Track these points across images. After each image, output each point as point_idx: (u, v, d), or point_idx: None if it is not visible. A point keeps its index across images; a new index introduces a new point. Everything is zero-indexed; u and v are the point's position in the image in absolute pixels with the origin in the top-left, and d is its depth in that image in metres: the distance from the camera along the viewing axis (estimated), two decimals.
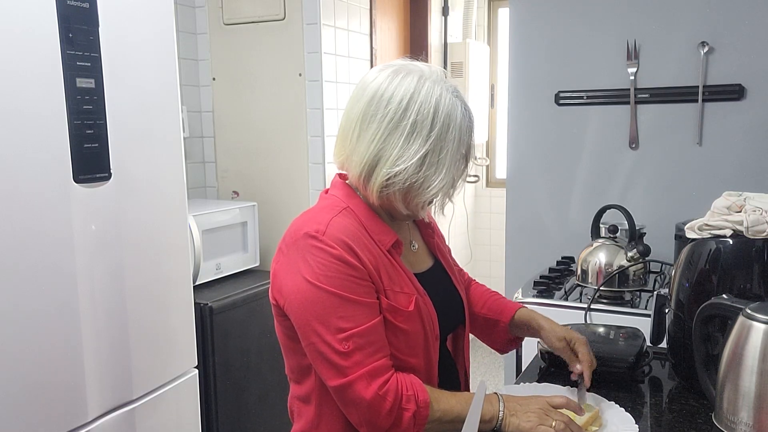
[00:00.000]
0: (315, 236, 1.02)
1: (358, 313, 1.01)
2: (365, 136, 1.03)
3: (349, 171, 1.09)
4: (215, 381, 2.21)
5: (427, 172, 1.02)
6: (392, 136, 1.01)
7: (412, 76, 1.03)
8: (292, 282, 1.03)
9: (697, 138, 2.14)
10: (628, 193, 2.26)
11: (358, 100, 1.05)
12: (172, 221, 1.77)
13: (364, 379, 0.99)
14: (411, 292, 1.09)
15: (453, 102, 1.03)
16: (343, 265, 1.01)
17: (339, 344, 0.99)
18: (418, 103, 1.01)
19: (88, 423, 1.53)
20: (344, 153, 1.08)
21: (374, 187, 1.04)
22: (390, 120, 1.01)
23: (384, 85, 1.03)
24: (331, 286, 1.00)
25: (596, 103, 2.27)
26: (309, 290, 1.01)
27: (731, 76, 2.07)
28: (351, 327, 1.00)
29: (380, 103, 1.02)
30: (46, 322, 1.41)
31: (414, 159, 1.01)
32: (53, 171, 1.41)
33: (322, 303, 1.00)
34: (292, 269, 1.03)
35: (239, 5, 2.71)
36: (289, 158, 2.71)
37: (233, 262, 2.51)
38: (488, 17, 4.34)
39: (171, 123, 1.75)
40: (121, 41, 1.56)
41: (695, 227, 1.27)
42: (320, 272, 1.00)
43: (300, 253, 1.03)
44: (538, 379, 1.34)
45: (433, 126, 1.01)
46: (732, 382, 1.05)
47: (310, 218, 1.06)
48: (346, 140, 1.07)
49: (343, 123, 1.08)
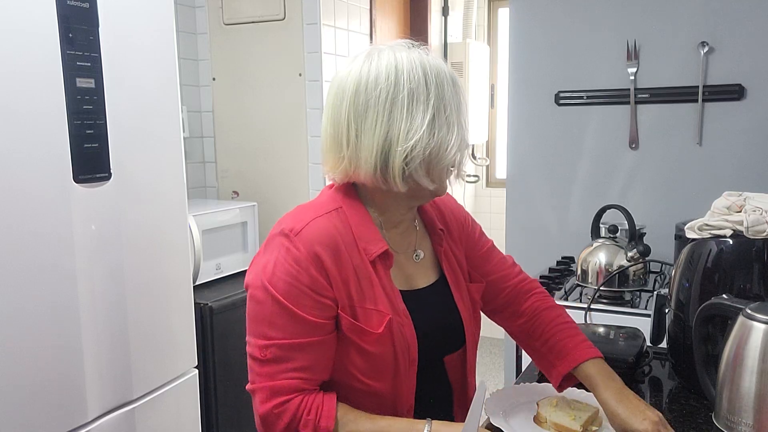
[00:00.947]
0: (288, 235, 0.98)
1: (293, 327, 0.97)
2: (366, 128, 0.97)
3: (358, 174, 1.00)
4: (215, 381, 2.21)
5: (439, 135, 0.96)
6: (393, 114, 0.95)
7: (386, 52, 0.99)
8: (254, 276, 1.00)
9: (697, 138, 2.14)
10: (628, 193, 2.26)
11: (342, 99, 0.99)
12: (172, 221, 1.77)
13: (266, 392, 0.97)
14: (386, 312, 1.01)
15: (434, 61, 0.99)
16: (302, 274, 0.97)
17: (258, 351, 0.97)
18: (406, 73, 0.96)
19: (88, 423, 1.53)
20: (344, 159, 1.00)
21: (395, 172, 0.97)
22: (385, 100, 0.95)
23: (364, 71, 0.97)
24: (279, 293, 0.96)
25: (596, 103, 2.27)
26: (259, 290, 0.98)
27: (731, 76, 2.07)
28: (277, 337, 0.96)
29: (368, 89, 0.96)
30: (46, 322, 1.41)
31: (423, 127, 0.95)
32: (53, 171, 1.41)
33: (262, 306, 0.98)
34: (260, 264, 1.01)
35: (239, 5, 2.71)
36: (289, 158, 2.71)
37: (233, 262, 2.51)
38: (488, 17, 4.34)
39: (171, 123, 1.75)
40: (121, 41, 1.56)
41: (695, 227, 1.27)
42: (276, 276, 0.97)
43: (270, 249, 1.00)
44: (538, 379, 1.34)
45: (428, 89, 0.96)
46: (732, 382, 1.05)
47: (295, 214, 1.03)
48: (341, 145, 0.99)
49: (331, 130, 1.01)
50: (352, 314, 1.00)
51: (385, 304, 1.02)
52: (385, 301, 1.02)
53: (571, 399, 1.15)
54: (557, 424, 1.08)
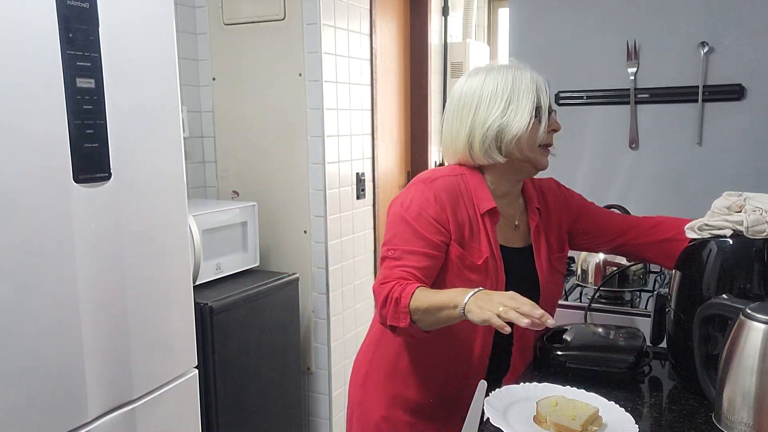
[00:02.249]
0: (425, 181, 1.37)
1: (413, 239, 1.32)
2: (461, 122, 1.38)
3: (456, 153, 1.42)
4: (215, 381, 2.21)
5: (507, 118, 1.33)
6: (478, 109, 1.36)
7: (482, 71, 1.39)
8: (396, 206, 1.37)
9: (697, 138, 2.14)
10: (628, 193, 2.26)
11: (451, 104, 1.42)
12: (172, 221, 1.77)
13: (381, 276, 1.33)
14: (485, 252, 1.35)
15: (521, 71, 1.37)
16: (430, 207, 1.33)
17: (385, 250, 1.34)
18: (491, 82, 1.36)
19: (88, 423, 1.53)
20: (452, 144, 1.42)
21: (477, 148, 1.36)
22: (473, 102, 1.37)
23: (465, 85, 1.40)
24: (409, 216, 1.33)
25: (596, 103, 2.27)
26: (396, 214, 1.36)
27: (731, 76, 2.07)
28: (400, 245, 1.32)
29: (465, 96, 1.39)
30: (46, 322, 1.41)
31: (496, 114, 1.34)
32: (53, 171, 1.41)
33: (396, 222, 1.35)
34: (400, 198, 1.38)
35: (239, 5, 2.71)
36: (289, 158, 2.71)
37: (233, 262, 2.51)
38: (488, 17, 4.34)
39: (171, 123, 1.75)
40: (121, 41, 1.56)
41: (695, 227, 1.27)
42: (410, 205, 1.34)
43: (411, 189, 1.38)
44: (538, 379, 1.34)
45: (504, 90, 1.34)
46: (732, 382, 1.05)
47: (431, 171, 1.42)
48: (450, 134, 1.42)
49: (444, 128, 1.44)
50: (461, 245, 1.34)
51: (486, 247, 1.36)
52: (486, 245, 1.36)
53: (571, 399, 1.15)
54: (557, 424, 1.08)
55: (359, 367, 1.55)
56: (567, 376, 1.33)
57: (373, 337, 1.53)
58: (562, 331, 1.45)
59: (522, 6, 2.35)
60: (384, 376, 1.48)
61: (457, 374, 1.42)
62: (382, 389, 1.48)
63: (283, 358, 2.55)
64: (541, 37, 2.33)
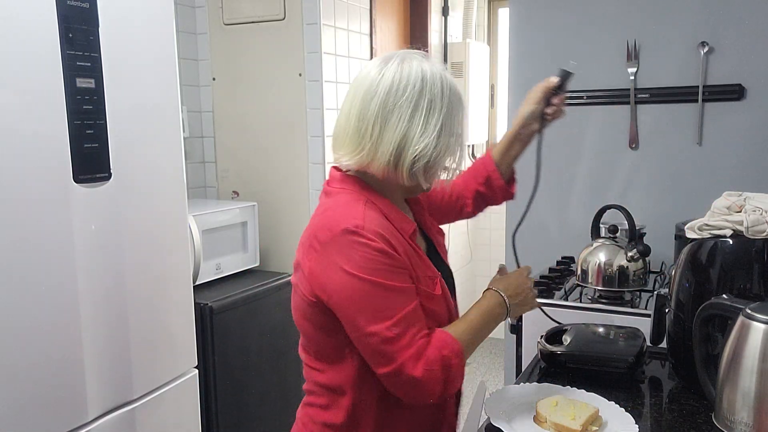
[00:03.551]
0: (355, 231, 1.06)
1: (401, 299, 1.07)
2: (389, 126, 1.10)
3: (372, 164, 1.12)
4: (215, 381, 2.21)
5: (444, 141, 1.12)
6: (414, 118, 1.10)
7: (416, 61, 1.13)
8: (338, 278, 1.07)
9: (697, 138, 2.14)
10: (628, 193, 2.26)
11: (372, 97, 1.11)
12: (172, 221, 1.77)
13: (412, 360, 1.05)
14: (435, 275, 1.17)
15: (450, 76, 1.15)
16: (384, 257, 1.07)
17: (388, 331, 1.05)
18: (429, 83, 1.11)
19: (88, 423, 1.53)
20: (363, 150, 1.12)
21: (404, 168, 1.11)
22: (409, 104, 1.10)
23: (396, 76, 1.11)
24: (377, 277, 1.05)
25: (596, 103, 2.27)
26: (356, 284, 1.06)
27: (731, 76, 2.07)
28: (397, 313, 1.06)
29: (398, 92, 1.10)
30: (46, 321, 1.41)
31: (434, 132, 1.10)
32: (53, 171, 1.41)
33: (368, 295, 1.06)
34: (333, 266, 1.07)
35: (239, 5, 2.71)
36: (289, 158, 2.71)
37: (233, 262, 2.51)
38: (488, 17, 4.34)
39: (171, 123, 1.75)
40: (121, 41, 1.56)
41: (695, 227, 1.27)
42: (365, 266, 1.05)
43: (339, 248, 1.07)
44: (538, 379, 1.34)
45: (443, 101, 1.11)
46: (732, 382, 1.05)
47: (342, 214, 1.10)
48: (364, 138, 1.12)
49: (356, 123, 1.13)
50: (417, 282, 1.12)
51: (431, 269, 1.18)
52: (430, 266, 1.18)
53: (571, 399, 1.15)
54: (557, 424, 1.08)
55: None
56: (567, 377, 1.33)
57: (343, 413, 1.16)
58: (562, 331, 1.45)
59: (522, 6, 2.35)
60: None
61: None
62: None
63: (283, 358, 2.54)
64: (541, 37, 2.33)
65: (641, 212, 2.11)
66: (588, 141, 2.30)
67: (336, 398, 1.16)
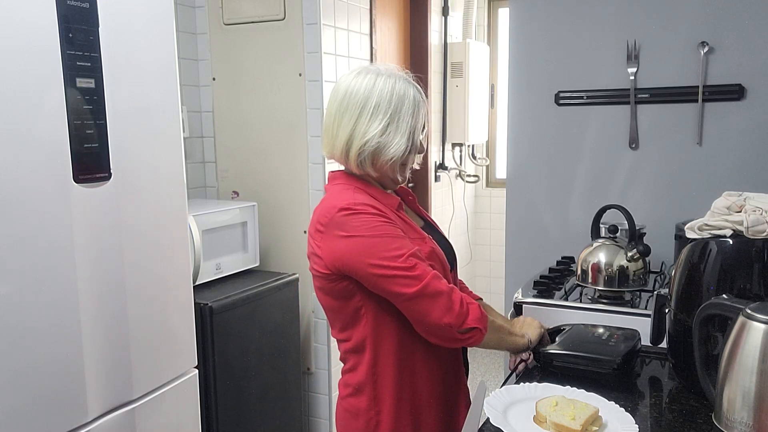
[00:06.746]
0: (348, 207, 1.28)
1: (404, 242, 1.27)
2: (342, 124, 1.34)
3: (334, 154, 1.38)
4: (215, 381, 2.21)
5: (387, 138, 1.33)
6: (360, 119, 1.33)
7: (371, 75, 1.35)
8: (346, 243, 1.27)
9: (697, 138, 2.14)
10: (628, 193, 2.26)
11: (334, 99, 1.37)
12: (172, 221, 1.77)
13: (436, 278, 1.26)
14: (423, 236, 1.37)
15: (405, 86, 1.36)
16: (378, 218, 1.28)
17: (403, 263, 1.25)
18: (377, 92, 1.33)
19: (88, 423, 1.53)
20: (330, 142, 1.37)
21: (352, 158, 1.34)
22: (357, 108, 1.33)
23: (351, 84, 1.35)
24: (376, 232, 1.26)
25: (596, 103, 2.27)
26: (362, 242, 1.26)
27: (731, 76, 2.07)
28: (405, 252, 1.26)
29: (350, 97, 1.34)
30: (46, 321, 1.41)
31: (376, 131, 1.32)
32: (53, 171, 1.41)
33: (376, 245, 1.25)
34: (338, 238, 1.28)
35: (239, 5, 2.71)
36: (289, 158, 2.71)
37: (233, 262, 2.51)
38: (488, 17, 4.35)
39: (171, 123, 1.75)
40: (121, 41, 1.56)
41: (695, 227, 1.27)
42: (364, 226, 1.26)
43: (339, 224, 1.28)
44: (538, 379, 1.34)
45: (389, 106, 1.33)
46: (732, 382, 1.05)
47: (336, 198, 1.32)
48: (329, 132, 1.37)
49: (325, 120, 1.39)
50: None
51: (420, 233, 1.38)
52: (419, 230, 1.39)
53: (571, 399, 1.15)
54: (557, 424, 1.08)
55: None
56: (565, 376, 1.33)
57: (366, 368, 1.36)
58: (559, 331, 1.46)
59: (522, 6, 2.35)
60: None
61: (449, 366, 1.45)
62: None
63: (283, 358, 2.55)
64: (541, 37, 2.33)
65: (641, 212, 2.11)
66: (588, 141, 2.30)
67: (359, 358, 1.36)
